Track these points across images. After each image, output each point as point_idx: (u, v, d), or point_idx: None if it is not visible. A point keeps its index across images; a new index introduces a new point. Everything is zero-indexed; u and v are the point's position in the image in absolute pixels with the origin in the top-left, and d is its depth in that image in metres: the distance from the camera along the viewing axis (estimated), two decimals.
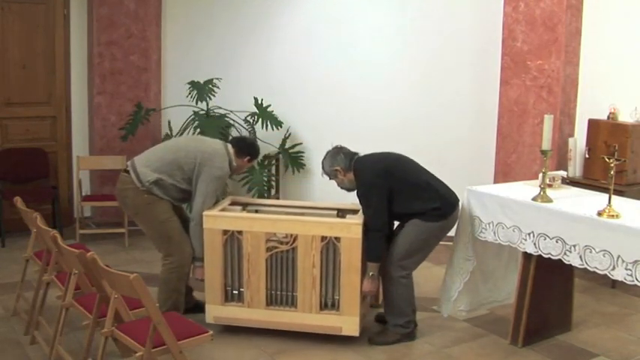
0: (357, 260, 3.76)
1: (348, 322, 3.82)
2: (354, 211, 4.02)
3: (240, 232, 3.89)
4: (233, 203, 4.25)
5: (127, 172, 4.06)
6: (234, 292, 3.96)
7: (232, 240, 3.91)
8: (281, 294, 3.90)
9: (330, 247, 3.79)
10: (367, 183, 3.88)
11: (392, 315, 3.99)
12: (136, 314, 3.22)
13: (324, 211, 4.21)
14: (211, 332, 3.20)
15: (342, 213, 4.15)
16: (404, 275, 3.90)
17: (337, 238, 3.77)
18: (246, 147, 4.25)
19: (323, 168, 4.08)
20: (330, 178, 4.09)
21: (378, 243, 3.81)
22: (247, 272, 3.89)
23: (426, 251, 3.97)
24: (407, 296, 3.94)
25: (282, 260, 3.87)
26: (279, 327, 3.90)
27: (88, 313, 3.29)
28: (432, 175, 4.00)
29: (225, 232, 3.90)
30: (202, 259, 3.97)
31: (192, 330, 3.15)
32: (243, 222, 3.90)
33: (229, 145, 4.19)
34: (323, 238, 3.78)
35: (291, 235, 3.82)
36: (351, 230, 3.75)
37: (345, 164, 3.98)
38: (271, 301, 3.92)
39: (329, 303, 3.85)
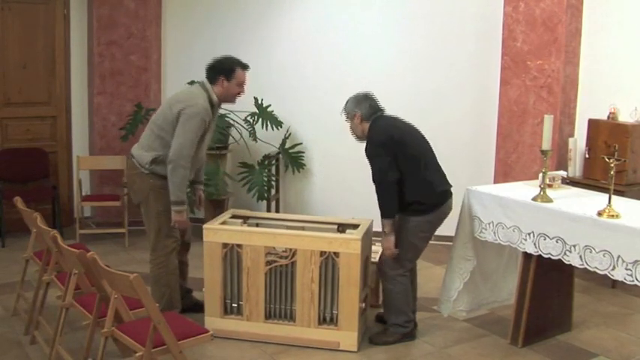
0: (356, 275, 3.76)
1: (346, 337, 3.82)
2: (355, 226, 4.02)
3: (239, 246, 3.89)
4: (234, 217, 4.25)
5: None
6: (234, 305, 3.96)
7: (232, 253, 3.92)
8: (280, 308, 3.91)
9: (329, 262, 3.79)
10: (376, 144, 3.79)
11: (390, 314, 3.98)
12: (136, 314, 3.22)
13: (324, 225, 4.21)
14: (211, 332, 3.20)
15: (342, 228, 4.15)
16: (401, 273, 3.90)
17: (336, 254, 3.77)
18: (213, 69, 3.95)
19: (345, 107, 3.96)
20: (346, 119, 3.98)
21: (388, 195, 3.72)
22: (246, 286, 3.90)
23: (419, 246, 3.92)
24: (405, 295, 3.93)
25: (281, 274, 3.88)
26: (277, 341, 3.90)
27: (88, 313, 3.29)
28: (435, 163, 3.94)
29: (224, 245, 3.91)
30: (179, 203, 3.86)
31: (192, 330, 3.15)
32: (243, 236, 3.91)
33: (206, 81, 3.98)
34: (322, 253, 3.78)
35: (291, 250, 3.82)
36: (350, 246, 3.75)
37: (365, 113, 3.86)
38: (270, 315, 3.92)
39: (327, 318, 3.86)
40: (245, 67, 3.99)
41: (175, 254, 4.08)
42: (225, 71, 3.93)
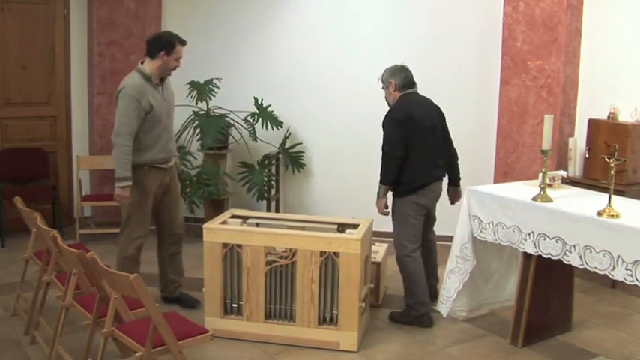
0: (356, 275, 3.77)
1: (346, 337, 3.83)
2: (355, 226, 4.03)
3: (239, 246, 3.90)
4: (234, 217, 4.25)
5: None
6: (234, 305, 3.97)
7: (232, 253, 3.92)
8: (280, 308, 3.91)
9: (329, 262, 3.80)
10: (393, 119, 4.07)
11: (405, 294, 4.20)
12: (136, 314, 3.22)
13: (324, 225, 4.22)
14: (211, 332, 3.20)
15: (342, 228, 4.15)
16: (406, 254, 4.09)
17: (336, 253, 3.77)
18: (155, 44, 4.15)
19: (382, 75, 4.25)
20: (382, 88, 4.26)
21: (390, 165, 4.04)
22: (246, 286, 3.91)
23: (412, 223, 4.11)
24: (413, 276, 4.11)
25: (281, 274, 3.88)
26: (277, 341, 3.90)
27: (88, 313, 3.29)
28: (439, 155, 4.21)
29: (224, 245, 3.91)
30: (121, 179, 4.08)
31: (192, 330, 3.15)
32: (243, 235, 3.91)
33: (139, 64, 4.20)
34: (322, 252, 3.79)
35: (291, 250, 3.83)
36: (350, 246, 3.76)
37: (399, 83, 4.16)
38: (270, 315, 3.93)
39: (327, 318, 3.86)
40: (183, 42, 4.21)
41: (139, 246, 4.25)
42: (167, 46, 4.12)
